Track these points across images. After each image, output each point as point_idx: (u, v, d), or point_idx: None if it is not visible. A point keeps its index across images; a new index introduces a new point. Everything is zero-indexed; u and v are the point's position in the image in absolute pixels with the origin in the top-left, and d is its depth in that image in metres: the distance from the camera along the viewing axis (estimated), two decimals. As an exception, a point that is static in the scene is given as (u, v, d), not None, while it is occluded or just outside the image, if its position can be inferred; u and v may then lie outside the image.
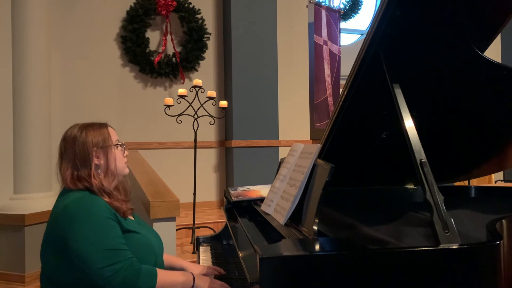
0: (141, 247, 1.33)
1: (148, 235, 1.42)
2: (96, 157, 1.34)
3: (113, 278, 1.17)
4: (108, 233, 1.22)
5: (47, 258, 1.27)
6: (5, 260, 3.16)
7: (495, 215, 1.28)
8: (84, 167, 1.32)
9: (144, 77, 4.79)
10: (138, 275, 1.20)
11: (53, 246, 1.24)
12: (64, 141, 1.37)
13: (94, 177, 1.31)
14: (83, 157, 1.32)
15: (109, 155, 1.37)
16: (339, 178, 1.20)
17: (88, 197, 1.28)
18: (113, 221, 1.26)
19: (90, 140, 1.34)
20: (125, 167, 1.44)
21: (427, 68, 1.44)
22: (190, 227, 3.66)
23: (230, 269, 1.51)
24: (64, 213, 1.24)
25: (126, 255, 1.22)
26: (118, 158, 1.40)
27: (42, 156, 3.44)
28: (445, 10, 1.31)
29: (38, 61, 3.46)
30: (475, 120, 1.63)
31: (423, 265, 0.94)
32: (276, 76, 4.99)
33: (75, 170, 1.32)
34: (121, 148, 1.43)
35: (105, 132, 1.39)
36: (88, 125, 1.39)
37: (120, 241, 1.23)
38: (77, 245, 1.18)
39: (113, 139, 1.40)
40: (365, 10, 6.64)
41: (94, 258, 1.17)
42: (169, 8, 4.65)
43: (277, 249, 0.99)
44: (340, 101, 1.43)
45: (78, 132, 1.36)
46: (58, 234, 1.22)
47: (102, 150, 1.36)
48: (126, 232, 1.30)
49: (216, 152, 5.08)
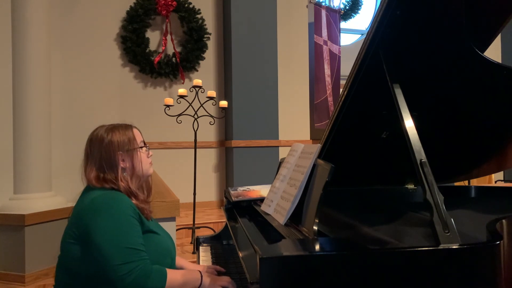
0: (160, 249, 1.36)
1: (165, 237, 1.44)
2: (122, 160, 1.36)
3: (126, 277, 1.19)
4: (130, 232, 1.24)
5: (68, 248, 1.28)
6: (5, 260, 3.16)
7: (495, 215, 1.27)
8: (111, 170, 1.34)
9: (144, 77, 4.80)
10: (149, 275, 1.22)
11: (77, 237, 1.26)
12: (90, 142, 1.38)
13: (121, 180, 1.34)
14: (109, 160, 1.34)
15: (134, 158, 1.39)
16: (339, 178, 1.20)
17: (116, 193, 1.30)
18: (136, 220, 1.28)
19: (116, 143, 1.35)
20: (150, 167, 1.46)
21: (427, 68, 1.44)
22: (190, 227, 3.66)
23: (230, 269, 1.51)
24: (90, 205, 1.26)
25: (142, 256, 1.24)
26: (143, 160, 1.42)
27: (42, 156, 3.44)
28: (445, 10, 1.30)
29: (38, 61, 3.46)
30: (475, 120, 1.63)
31: (423, 265, 0.94)
32: (276, 76, 4.99)
33: (101, 173, 1.34)
34: (146, 149, 1.45)
35: (130, 134, 1.40)
36: (114, 127, 1.40)
37: (139, 241, 1.25)
38: (98, 238, 1.20)
39: (138, 140, 1.42)
40: (365, 10, 6.64)
41: (113, 254, 1.19)
42: (169, 8, 4.65)
43: (277, 249, 0.99)
44: (340, 101, 1.42)
45: (104, 134, 1.37)
46: (83, 225, 1.24)
47: (128, 153, 1.37)
48: (148, 232, 1.33)
49: (216, 152, 5.08)
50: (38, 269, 3.14)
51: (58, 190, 3.61)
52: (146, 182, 1.49)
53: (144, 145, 1.45)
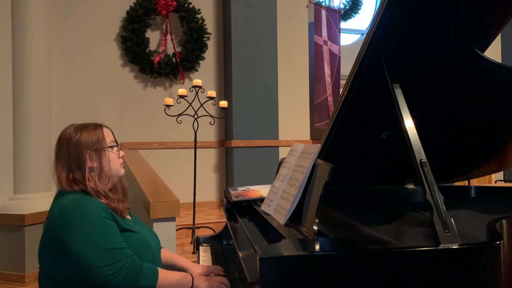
0: (139, 245, 1.34)
1: (145, 233, 1.43)
2: (90, 160, 1.34)
3: (115, 277, 1.18)
4: (106, 233, 1.22)
5: (45, 258, 1.28)
6: (5, 260, 3.16)
7: (495, 215, 1.27)
8: (79, 169, 1.32)
9: (144, 77, 4.79)
10: (140, 273, 1.22)
11: (51, 246, 1.25)
12: (59, 142, 1.37)
13: (88, 179, 1.31)
14: (77, 160, 1.32)
15: (102, 158, 1.36)
16: (339, 178, 1.20)
17: (84, 198, 1.28)
18: (110, 220, 1.27)
19: (84, 142, 1.34)
20: (120, 168, 1.43)
21: (427, 68, 1.44)
22: (190, 227, 3.66)
23: (230, 269, 1.51)
24: (60, 215, 1.24)
25: (127, 254, 1.23)
26: (112, 160, 1.39)
27: (42, 156, 3.44)
28: (445, 10, 1.30)
29: (38, 62, 3.46)
30: (475, 120, 1.63)
31: (423, 265, 0.94)
32: (276, 76, 4.99)
33: (70, 173, 1.32)
34: (116, 149, 1.43)
35: (99, 133, 1.38)
36: (82, 126, 1.39)
37: (119, 240, 1.24)
38: (76, 247, 1.18)
39: (107, 140, 1.40)
40: (365, 10, 6.64)
41: (94, 258, 1.18)
42: (169, 8, 4.65)
43: (277, 249, 0.99)
44: (340, 101, 1.42)
45: (73, 133, 1.35)
46: (55, 235, 1.23)
47: (96, 152, 1.35)
48: (124, 231, 1.31)
49: (216, 152, 5.08)
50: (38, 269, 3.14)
51: (57, 190, 3.60)
52: (120, 183, 1.46)
53: (114, 144, 1.42)
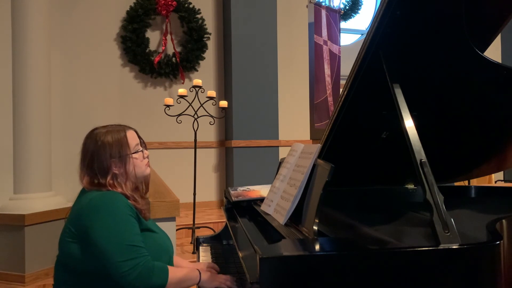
0: (158, 246, 1.37)
1: (164, 236, 1.46)
2: (115, 167, 1.35)
3: (129, 273, 1.20)
4: (128, 229, 1.26)
5: (67, 246, 1.29)
6: (5, 260, 3.15)
7: (495, 215, 1.27)
8: (103, 176, 1.34)
9: (144, 77, 4.80)
10: (152, 271, 1.24)
11: (74, 235, 1.27)
12: (84, 147, 1.38)
13: (115, 185, 1.34)
14: (102, 167, 1.34)
15: (127, 164, 1.37)
16: (339, 178, 1.20)
17: (113, 194, 1.31)
18: (134, 218, 1.30)
19: (108, 150, 1.34)
20: (146, 169, 1.45)
21: (427, 68, 1.44)
22: (190, 227, 3.66)
23: (230, 269, 1.51)
24: (89, 204, 1.27)
25: (143, 252, 1.25)
26: (137, 164, 1.40)
27: (42, 156, 3.43)
28: (445, 10, 1.30)
29: (38, 61, 3.46)
30: (475, 120, 1.63)
31: (423, 265, 0.94)
32: (276, 76, 4.99)
33: (95, 179, 1.34)
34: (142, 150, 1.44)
35: (123, 139, 1.38)
36: (107, 132, 1.38)
37: (138, 238, 1.27)
38: (98, 237, 1.22)
39: (132, 144, 1.39)
40: (365, 10, 6.64)
41: (113, 251, 1.21)
42: (169, 8, 4.66)
43: (277, 249, 0.99)
44: (340, 101, 1.42)
45: (97, 140, 1.35)
46: (81, 225, 1.26)
47: (120, 159, 1.36)
48: (146, 230, 1.35)
49: (216, 152, 5.08)
50: (38, 269, 3.14)
51: (58, 190, 3.61)
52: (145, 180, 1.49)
53: (139, 147, 1.43)
